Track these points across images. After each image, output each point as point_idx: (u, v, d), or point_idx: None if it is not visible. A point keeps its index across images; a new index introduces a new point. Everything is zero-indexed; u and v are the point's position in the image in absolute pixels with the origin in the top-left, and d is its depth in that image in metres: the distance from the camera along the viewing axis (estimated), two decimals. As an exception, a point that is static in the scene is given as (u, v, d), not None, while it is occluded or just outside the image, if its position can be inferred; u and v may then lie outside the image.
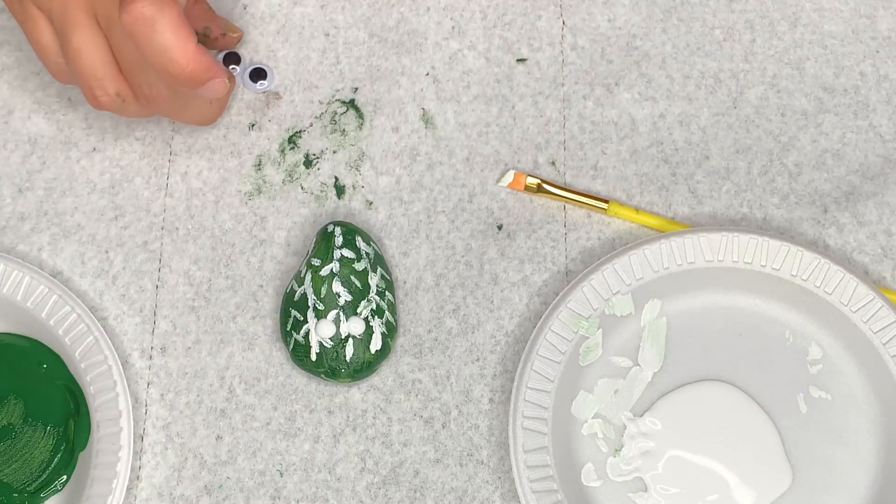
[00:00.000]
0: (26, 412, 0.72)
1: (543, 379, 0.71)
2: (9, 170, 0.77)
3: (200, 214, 0.76)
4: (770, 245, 0.72)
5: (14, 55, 0.79)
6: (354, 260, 0.72)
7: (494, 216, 0.76)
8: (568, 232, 0.76)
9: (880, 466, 0.71)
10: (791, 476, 0.71)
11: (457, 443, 0.73)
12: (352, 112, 0.78)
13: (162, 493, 0.72)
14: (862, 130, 0.77)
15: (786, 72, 0.79)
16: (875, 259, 0.75)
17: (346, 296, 0.72)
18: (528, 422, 0.70)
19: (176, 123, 0.78)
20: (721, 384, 0.72)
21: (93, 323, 0.72)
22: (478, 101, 0.78)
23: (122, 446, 0.70)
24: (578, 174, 0.77)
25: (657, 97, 0.78)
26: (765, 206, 0.76)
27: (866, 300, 0.71)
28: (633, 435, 0.72)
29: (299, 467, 0.72)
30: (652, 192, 0.76)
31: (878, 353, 0.71)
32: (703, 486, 0.70)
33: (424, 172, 0.77)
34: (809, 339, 0.73)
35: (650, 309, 0.73)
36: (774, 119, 0.78)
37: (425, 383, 0.74)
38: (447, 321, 0.74)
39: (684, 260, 0.73)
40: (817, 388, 0.72)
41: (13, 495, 0.71)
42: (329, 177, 0.77)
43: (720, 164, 0.77)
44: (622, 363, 0.73)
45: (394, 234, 0.76)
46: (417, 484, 0.72)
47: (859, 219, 0.76)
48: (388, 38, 0.79)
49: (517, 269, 0.75)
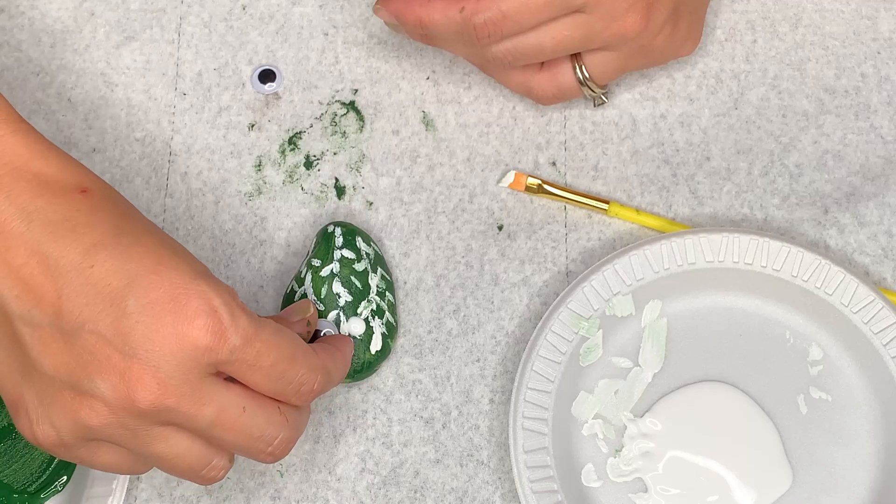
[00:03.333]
0: (26, 413, 0.72)
1: (544, 379, 0.71)
2: (9, 170, 0.77)
3: (200, 215, 0.76)
4: (771, 246, 0.72)
5: (14, 55, 0.79)
6: (354, 260, 0.72)
7: (495, 217, 0.76)
8: (568, 232, 0.76)
9: (881, 467, 0.71)
10: (791, 477, 0.71)
11: (457, 443, 0.73)
12: (352, 114, 0.78)
13: (162, 494, 0.72)
14: (863, 132, 0.77)
15: (787, 73, 0.78)
16: (876, 260, 0.75)
17: (347, 296, 0.72)
18: (528, 422, 0.70)
19: (176, 124, 0.78)
20: (721, 385, 0.72)
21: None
22: (478, 101, 0.78)
23: (122, 447, 0.70)
24: (579, 175, 0.77)
25: (658, 97, 0.78)
26: (765, 206, 0.76)
27: (867, 301, 0.71)
28: (633, 435, 0.72)
29: (299, 467, 0.72)
30: (652, 192, 0.76)
31: (878, 355, 0.71)
32: (703, 487, 0.70)
33: (425, 174, 0.77)
34: (810, 339, 0.73)
35: (651, 309, 0.73)
36: (775, 120, 0.78)
37: (425, 384, 0.74)
38: (447, 322, 0.74)
39: (685, 260, 0.73)
40: (818, 389, 0.72)
41: (13, 496, 0.71)
42: (329, 178, 0.77)
43: (721, 165, 0.77)
44: (622, 364, 0.73)
45: (394, 235, 0.76)
46: (418, 484, 0.72)
47: (860, 220, 0.75)
48: (388, 39, 0.79)
49: (517, 270, 0.75)
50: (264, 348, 0.59)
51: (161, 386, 0.57)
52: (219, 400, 0.59)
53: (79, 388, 0.58)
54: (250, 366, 0.59)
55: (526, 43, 0.70)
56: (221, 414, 0.59)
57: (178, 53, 0.79)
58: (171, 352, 0.57)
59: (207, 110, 0.79)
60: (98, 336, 0.57)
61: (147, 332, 0.57)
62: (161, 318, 0.57)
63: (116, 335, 0.57)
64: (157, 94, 0.79)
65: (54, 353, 0.58)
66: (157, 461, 0.61)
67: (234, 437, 0.60)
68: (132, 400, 0.57)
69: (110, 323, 0.57)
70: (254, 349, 0.59)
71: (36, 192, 0.60)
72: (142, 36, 0.80)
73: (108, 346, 0.57)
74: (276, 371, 0.60)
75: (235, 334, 0.58)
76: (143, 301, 0.57)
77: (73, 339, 0.58)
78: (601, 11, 0.69)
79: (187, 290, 0.58)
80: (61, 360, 0.58)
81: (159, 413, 0.58)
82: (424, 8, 0.70)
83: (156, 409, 0.58)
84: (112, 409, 0.58)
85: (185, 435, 0.60)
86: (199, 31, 0.80)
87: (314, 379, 0.62)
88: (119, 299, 0.57)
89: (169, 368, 0.57)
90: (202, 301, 0.58)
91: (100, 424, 0.58)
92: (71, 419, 0.59)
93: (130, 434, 0.59)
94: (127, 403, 0.57)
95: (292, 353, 0.60)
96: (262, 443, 0.61)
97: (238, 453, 0.62)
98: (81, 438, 0.60)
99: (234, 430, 0.60)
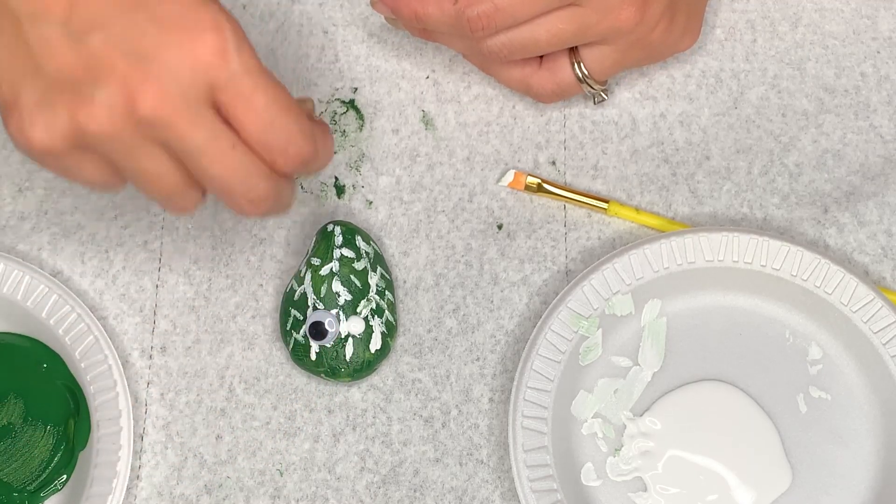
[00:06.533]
0: (26, 412, 0.72)
1: (543, 378, 0.71)
2: (9, 170, 0.77)
3: (200, 214, 0.76)
4: (770, 245, 0.72)
5: (14, 54, 0.79)
6: (354, 259, 0.72)
7: (494, 216, 0.76)
8: (568, 231, 0.76)
9: (880, 466, 0.71)
10: (791, 476, 0.71)
11: (456, 442, 0.73)
12: (352, 113, 0.78)
13: (162, 493, 0.72)
14: (862, 131, 0.77)
15: (787, 72, 0.78)
16: (875, 259, 0.75)
17: (346, 295, 0.72)
18: (527, 421, 0.70)
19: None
20: (721, 384, 0.72)
21: (93, 322, 0.72)
22: (478, 100, 0.78)
23: (122, 446, 0.70)
24: (579, 174, 0.77)
25: (658, 96, 0.78)
26: (765, 206, 0.76)
27: (866, 300, 0.71)
28: (632, 435, 0.72)
29: (299, 467, 0.72)
30: (652, 191, 0.76)
31: (878, 354, 0.71)
32: (702, 486, 0.70)
33: (424, 173, 0.77)
34: (809, 339, 0.73)
35: (650, 309, 0.73)
36: (775, 119, 0.78)
37: (425, 383, 0.74)
38: (447, 321, 0.74)
39: (684, 260, 0.73)
40: (817, 389, 0.72)
41: (13, 494, 0.71)
42: (329, 177, 0.77)
43: (721, 164, 0.77)
44: (622, 363, 0.73)
45: (394, 234, 0.76)
46: (417, 483, 0.72)
47: (860, 219, 0.75)
48: (388, 38, 0.79)
49: (517, 269, 0.75)
50: (262, 84, 0.59)
51: (162, 96, 0.57)
52: (212, 127, 0.59)
53: (80, 93, 0.58)
54: (245, 99, 0.59)
55: (520, 36, 0.70)
56: (212, 142, 0.59)
57: (177, 52, 0.79)
58: (176, 65, 0.57)
59: (207, 109, 0.78)
60: (106, 42, 0.57)
61: (155, 42, 0.57)
62: (170, 30, 0.58)
63: (125, 42, 0.57)
64: (156, 92, 0.79)
65: (60, 56, 0.58)
66: (137, 177, 0.60)
67: (219, 171, 0.60)
68: (132, 107, 0.57)
69: (120, 30, 0.57)
70: (251, 80, 0.59)
71: None
72: (141, 35, 0.80)
73: (115, 51, 0.57)
74: (268, 115, 0.59)
75: (238, 59, 0.58)
76: (155, 12, 0.58)
77: (82, 43, 0.58)
78: (596, 4, 0.69)
79: (199, 8, 0.58)
80: (66, 63, 0.58)
81: (154, 125, 0.58)
82: (420, 1, 0.70)
83: (152, 119, 0.58)
84: (110, 115, 0.58)
85: (170, 157, 0.60)
86: (199, 30, 0.80)
87: (303, 143, 0.61)
88: (131, 8, 0.58)
89: (171, 81, 0.57)
90: (213, 21, 0.58)
91: (95, 130, 0.58)
92: (67, 122, 0.58)
93: (120, 144, 0.59)
94: (126, 111, 0.57)
95: (287, 103, 0.60)
96: (244, 186, 0.60)
97: (217, 193, 0.61)
98: (72, 145, 0.59)
99: (220, 162, 0.59)
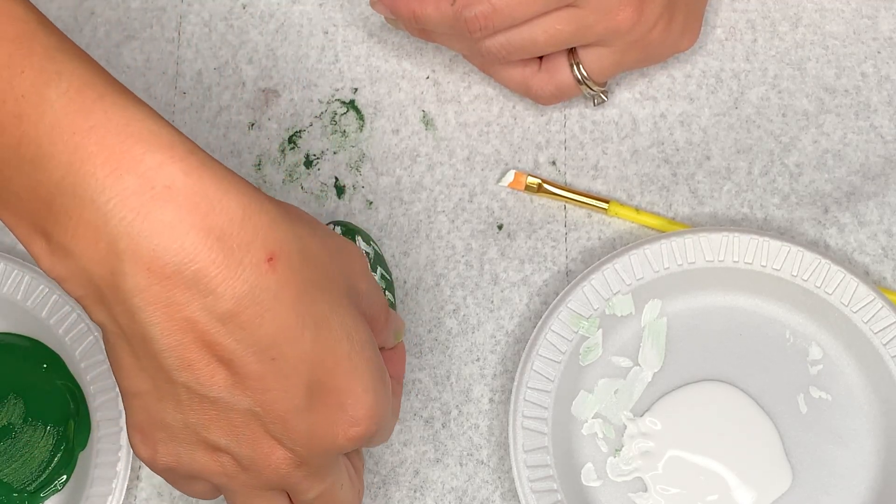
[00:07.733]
0: (26, 412, 0.72)
1: (543, 379, 0.71)
2: (9, 169, 0.77)
3: (200, 214, 0.76)
4: (770, 245, 0.72)
5: (14, 54, 0.79)
6: (354, 259, 0.72)
7: (495, 216, 0.76)
8: (568, 232, 0.76)
9: (881, 467, 0.71)
10: (791, 476, 0.71)
11: (457, 442, 0.73)
12: (352, 113, 0.78)
13: (162, 493, 0.72)
14: (863, 131, 0.77)
15: (787, 72, 0.78)
16: (876, 259, 0.75)
17: (346, 295, 0.72)
18: (528, 421, 0.70)
19: (175, 122, 0.78)
20: (721, 384, 0.72)
21: (93, 323, 0.72)
22: (479, 100, 0.78)
23: (122, 446, 0.70)
24: (579, 174, 0.77)
25: (658, 97, 0.78)
26: (765, 206, 0.76)
27: (867, 300, 0.71)
28: (633, 435, 0.72)
29: (299, 467, 0.72)
30: (652, 192, 0.76)
31: (878, 354, 0.71)
32: (703, 487, 0.70)
33: (425, 173, 0.77)
34: (810, 339, 0.73)
35: (650, 309, 0.73)
36: (775, 119, 0.78)
37: (425, 383, 0.74)
38: (447, 321, 0.74)
39: (685, 260, 0.72)
40: (817, 389, 0.72)
41: (13, 495, 0.71)
42: (329, 177, 0.77)
43: (721, 165, 0.77)
44: (622, 363, 0.73)
45: (394, 234, 0.76)
46: (417, 483, 0.72)
47: (860, 219, 0.75)
48: (388, 38, 0.79)
49: (517, 269, 0.75)
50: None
51: (299, 467, 0.56)
52: (334, 478, 0.58)
53: (216, 446, 0.56)
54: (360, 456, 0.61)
55: (518, 37, 0.70)
56: (328, 490, 0.58)
57: (177, 52, 0.79)
58: (322, 449, 0.56)
59: (207, 109, 0.79)
60: (255, 418, 0.55)
61: (308, 430, 0.55)
62: (328, 418, 0.55)
63: (277, 422, 0.55)
64: (157, 92, 0.79)
65: (205, 414, 0.55)
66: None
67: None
68: (264, 475, 0.56)
69: (276, 415, 0.54)
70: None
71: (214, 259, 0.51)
72: (142, 35, 0.80)
73: (261, 427, 0.55)
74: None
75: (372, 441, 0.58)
76: (315, 401, 0.55)
77: (230, 412, 0.55)
78: (593, 5, 0.69)
79: (358, 401, 0.55)
80: (210, 422, 0.55)
81: (280, 483, 0.57)
82: (418, 2, 0.70)
83: (280, 481, 0.56)
84: (241, 468, 0.56)
85: (284, 499, 0.58)
86: (199, 30, 0.80)
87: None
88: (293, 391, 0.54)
89: (311, 457, 0.56)
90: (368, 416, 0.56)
91: (223, 478, 0.57)
92: (198, 464, 0.56)
93: (241, 488, 0.57)
94: (257, 475, 0.56)
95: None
96: None
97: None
98: (195, 477, 0.58)
99: (328, 502, 0.59)
